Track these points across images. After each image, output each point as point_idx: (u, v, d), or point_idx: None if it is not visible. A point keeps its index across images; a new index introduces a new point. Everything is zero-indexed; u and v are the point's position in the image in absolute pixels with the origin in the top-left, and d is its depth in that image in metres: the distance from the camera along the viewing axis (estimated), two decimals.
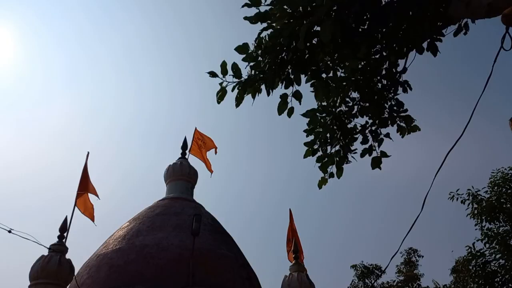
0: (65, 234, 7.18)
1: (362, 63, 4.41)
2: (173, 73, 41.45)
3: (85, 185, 8.61)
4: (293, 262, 8.28)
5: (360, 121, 4.72)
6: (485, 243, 10.12)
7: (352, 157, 4.79)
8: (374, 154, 4.70)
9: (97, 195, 8.84)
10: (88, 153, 8.97)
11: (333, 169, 4.79)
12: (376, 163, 4.69)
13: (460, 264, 13.66)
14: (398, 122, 4.68)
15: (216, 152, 11.61)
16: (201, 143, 11.66)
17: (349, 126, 4.76)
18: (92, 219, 8.81)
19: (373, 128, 4.73)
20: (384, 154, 4.70)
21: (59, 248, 6.86)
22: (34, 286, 6.50)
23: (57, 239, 7.06)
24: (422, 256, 15.92)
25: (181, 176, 11.13)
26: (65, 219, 7.32)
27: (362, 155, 4.74)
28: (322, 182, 4.87)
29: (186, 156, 11.70)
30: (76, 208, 8.26)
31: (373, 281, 15.09)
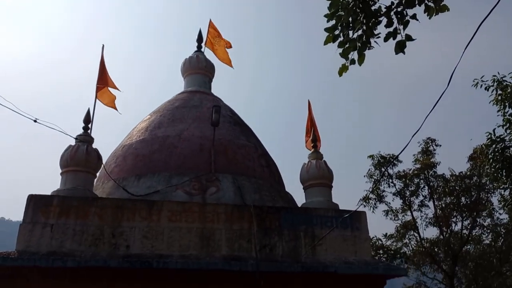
0: (89, 126, 7.39)
1: None
2: None
3: (104, 79, 8.62)
4: (312, 150, 8.45)
5: (385, 1, 4.41)
6: (506, 128, 10.07)
7: (375, 41, 4.58)
8: (399, 37, 4.47)
9: (116, 88, 8.89)
10: (103, 46, 8.82)
11: (354, 55, 4.62)
12: (400, 47, 4.48)
13: (478, 151, 13.81)
14: (426, 1, 4.36)
15: (230, 47, 11.26)
16: (217, 36, 11.29)
17: (373, 8, 4.47)
18: (115, 108, 9.00)
19: (399, 9, 4.43)
20: (409, 38, 4.46)
21: (85, 138, 7.12)
22: (66, 173, 6.90)
23: (83, 130, 7.29)
24: (440, 145, 16.14)
25: (198, 70, 11.04)
26: (88, 111, 7.48)
27: (386, 39, 4.52)
28: (342, 69, 4.74)
29: (202, 50, 11.48)
30: (98, 100, 8.37)
31: (389, 169, 15.54)
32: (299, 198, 8.75)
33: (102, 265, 5.79)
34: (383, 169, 15.32)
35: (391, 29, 4.49)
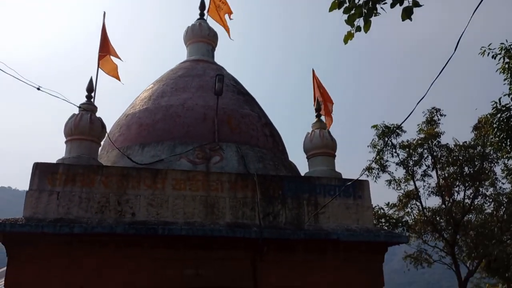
0: (92, 94, 7.36)
1: None
2: None
3: (105, 47, 8.52)
4: (316, 119, 8.43)
5: None
6: None
7: (381, 8, 4.49)
8: (406, 3, 4.38)
9: (118, 57, 8.80)
10: (104, 13, 8.68)
11: (360, 22, 4.54)
12: (407, 13, 4.39)
13: (483, 120, 13.74)
14: None
15: (230, 18, 11.06)
16: (220, 3, 11.07)
17: None
18: (118, 78, 8.93)
19: None
20: (416, 4, 4.37)
21: (88, 107, 7.12)
22: (70, 141, 6.94)
23: (86, 99, 7.28)
24: (444, 115, 16.04)
25: (201, 38, 10.89)
26: (91, 80, 7.44)
27: (392, 5, 4.42)
28: (348, 37, 4.67)
29: (205, 17, 11.29)
30: (100, 70, 8.31)
31: (393, 139, 15.52)
32: (303, 168, 8.80)
33: (109, 231, 5.90)
34: (386, 139, 15.29)
35: None
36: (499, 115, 10.14)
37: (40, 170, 6.29)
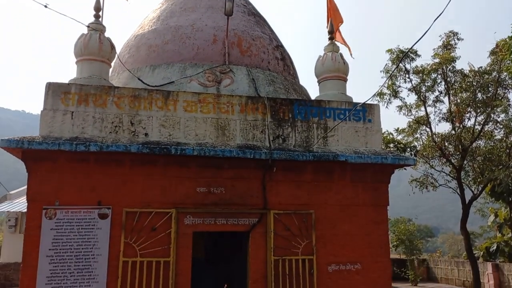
0: (100, 13, 7.20)
1: None
2: None
3: None
4: (328, 42, 8.23)
5: None
6: None
7: None
8: None
9: None
10: None
11: None
12: None
13: (500, 44, 13.26)
14: None
15: None
16: None
17: None
18: None
19: None
20: None
21: (97, 27, 7.00)
22: (81, 62, 6.93)
23: (94, 18, 7.14)
24: (462, 39, 15.47)
25: None
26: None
27: None
28: None
29: None
30: None
31: (407, 64, 15.17)
32: (314, 93, 8.75)
33: (123, 150, 6.08)
34: (399, 62, 14.94)
35: None
36: None
37: (53, 90, 6.36)
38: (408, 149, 16.15)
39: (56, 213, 5.98)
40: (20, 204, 20.12)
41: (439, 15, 4.08)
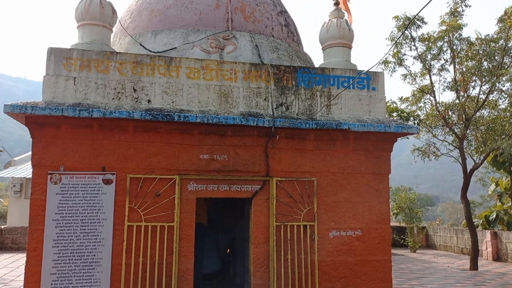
0: None
1: None
2: None
3: None
4: (333, 8, 8.07)
5: None
6: None
7: None
8: None
9: None
10: None
11: None
12: None
13: (509, 11, 12.99)
14: None
15: None
16: None
17: None
18: None
19: None
20: None
21: None
22: (82, 27, 6.83)
23: None
24: (470, 6, 15.10)
25: None
26: None
27: None
28: None
29: None
30: None
31: (413, 32, 14.89)
32: (318, 61, 8.65)
33: (126, 116, 6.09)
34: (405, 28, 14.67)
35: None
36: None
37: (55, 55, 6.31)
38: (412, 118, 16.09)
39: (61, 178, 6.06)
40: (24, 170, 20.35)
41: None
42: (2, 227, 18.50)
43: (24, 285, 5.87)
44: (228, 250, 9.25)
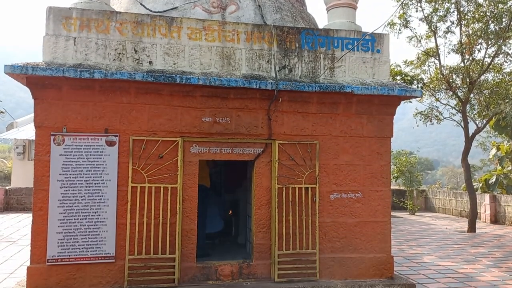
0: None
1: None
2: None
3: None
4: None
5: None
6: None
7: None
8: None
9: None
10: None
11: None
12: None
13: None
14: None
15: None
16: None
17: None
18: None
19: None
20: None
21: None
22: None
23: None
24: None
25: None
26: None
27: None
28: None
29: None
30: None
31: None
32: (322, 23, 8.46)
33: (128, 78, 6.03)
34: None
35: None
36: None
37: (54, 15, 6.18)
38: (415, 81, 15.93)
39: (64, 139, 6.08)
40: (27, 132, 20.41)
41: None
42: (7, 187, 18.77)
43: (31, 243, 6.02)
44: (231, 212, 9.41)
